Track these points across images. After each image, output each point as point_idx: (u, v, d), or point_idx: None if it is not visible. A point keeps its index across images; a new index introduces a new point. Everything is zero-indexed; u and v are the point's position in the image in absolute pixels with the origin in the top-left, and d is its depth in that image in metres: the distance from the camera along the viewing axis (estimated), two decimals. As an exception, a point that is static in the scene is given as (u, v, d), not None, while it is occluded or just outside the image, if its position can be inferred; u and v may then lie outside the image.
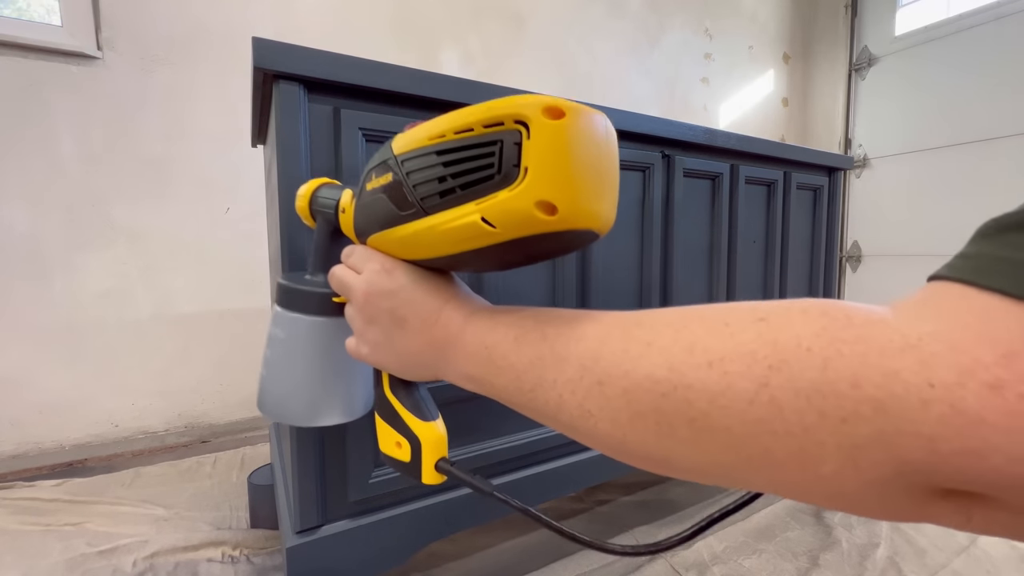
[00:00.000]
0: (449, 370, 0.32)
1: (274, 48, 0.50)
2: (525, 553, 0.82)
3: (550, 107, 0.25)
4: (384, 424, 0.37)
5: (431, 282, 0.33)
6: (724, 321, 0.21)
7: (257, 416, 1.50)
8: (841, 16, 2.71)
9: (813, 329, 0.18)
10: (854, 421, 0.16)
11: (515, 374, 0.27)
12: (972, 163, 2.25)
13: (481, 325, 0.30)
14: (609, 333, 0.24)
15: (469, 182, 0.27)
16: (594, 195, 0.26)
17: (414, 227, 0.30)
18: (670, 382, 0.20)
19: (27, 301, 1.22)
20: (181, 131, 1.36)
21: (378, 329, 0.34)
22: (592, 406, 0.23)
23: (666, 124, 0.80)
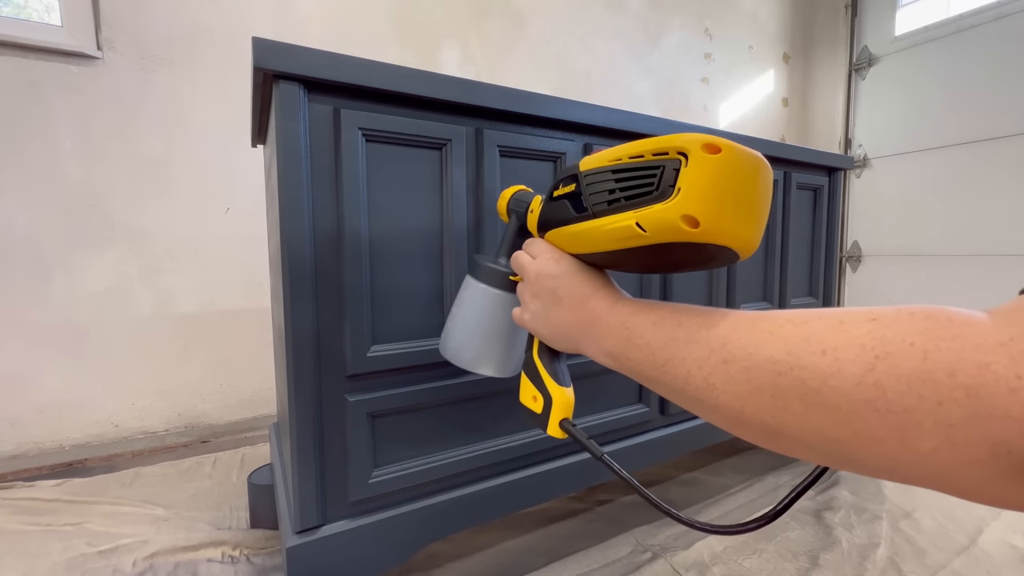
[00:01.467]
0: (591, 345, 0.39)
1: (274, 48, 0.50)
2: (525, 553, 0.82)
3: (709, 144, 0.30)
4: (527, 381, 0.47)
5: (588, 273, 0.41)
6: (839, 319, 0.24)
7: (257, 416, 1.50)
8: (841, 16, 2.71)
9: (917, 328, 0.21)
10: (949, 404, 0.19)
11: (650, 351, 0.33)
12: (972, 163, 2.25)
13: (625, 310, 0.36)
14: (737, 323, 0.28)
15: (632, 195, 0.34)
16: (734, 218, 0.31)
17: (583, 226, 0.39)
18: (787, 363, 0.24)
19: (27, 301, 1.22)
20: (181, 131, 1.36)
21: (539, 303, 0.43)
22: (716, 381, 0.28)
23: (666, 124, 0.80)
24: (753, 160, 0.31)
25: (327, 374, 0.57)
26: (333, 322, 0.57)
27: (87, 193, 1.27)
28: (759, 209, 0.32)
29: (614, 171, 0.36)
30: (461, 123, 0.63)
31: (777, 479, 1.07)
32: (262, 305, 1.47)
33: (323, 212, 0.55)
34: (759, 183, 0.31)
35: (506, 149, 0.66)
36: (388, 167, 0.59)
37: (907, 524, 0.89)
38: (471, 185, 0.64)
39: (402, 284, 0.61)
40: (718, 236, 0.31)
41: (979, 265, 2.23)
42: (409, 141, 0.59)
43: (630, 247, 0.35)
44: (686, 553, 0.81)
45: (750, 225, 0.32)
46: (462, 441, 0.67)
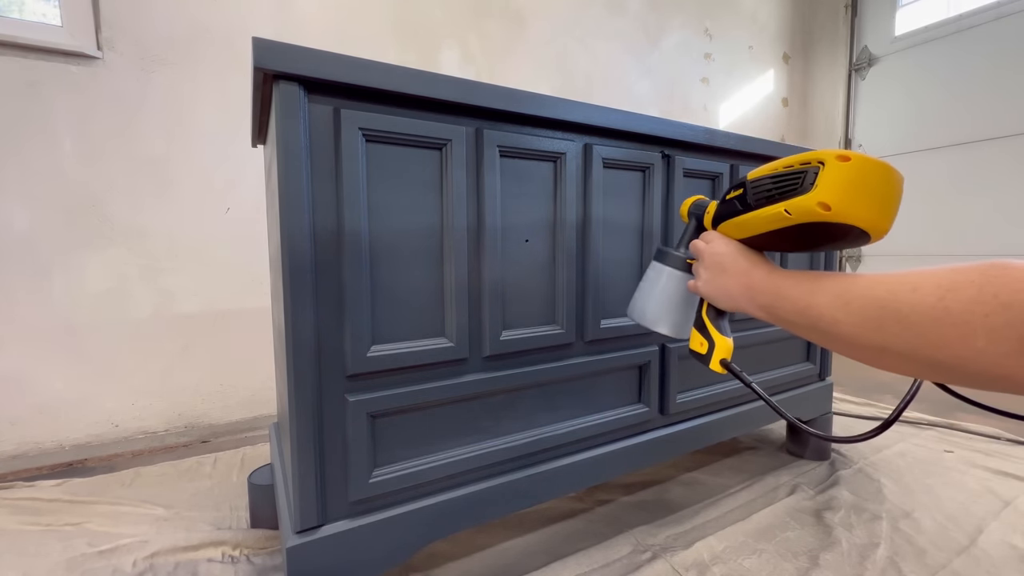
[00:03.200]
0: (748, 303, 0.52)
1: (274, 48, 0.50)
2: (525, 553, 0.82)
3: (841, 155, 0.43)
4: (696, 332, 0.61)
5: (748, 252, 0.55)
6: (933, 271, 0.33)
7: (257, 416, 1.50)
8: (841, 16, 2.71)
9: (980, 270, 0.30)
10: (993, 316, 0.28)
11: (792, 300, 0.45)
12: (972, 163, 2.25)
13: (776, 277, 0.49)
14: (855, 280, 0.39)
15: (783, 191, 0.47)
16: (860, 205, 0.43)
17: (748, 216, 0.53)
18: (887, 299, 0.35)
19: (27, 301, 1.22)
20: (181, 131, 1.36)
21: (710, 273, 0.57)
22: (840, 316, 0.39)
23: (666, 124, 0.80)
24: (876, 164, 0.42)
25: (327, 374, 0.57)
26: (333, 322, 0.57)
27: (87, 193, 1.27)
28: (884, 199, 0.43)
29: (772, 177, 0.49)
30: (461, 123, 0.63)
31: (777, 479, 1.07)
32: (262, 305, 1.47)
33: (323, 212, 0.55)
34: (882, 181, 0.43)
35: (506, 149, 0.66)
36: (388, 167, 0.59)
37: (907, 524, 0.89)
38: (471, 185, 0.64)
39: (402, 284, 0.61)
40: (846, 217, 0.43)
41: (979, 265, 2.23)
42: (409, 141, 0.59)
43: (779, 228, 0.48)
44: (686, 553, 0.81)
45: (875, 211, 0.43)
46: (462, 441, 0.67)
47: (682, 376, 0.89)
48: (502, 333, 0.68)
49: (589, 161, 0.74)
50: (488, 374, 0.67)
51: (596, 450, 0.79)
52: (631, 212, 0.80)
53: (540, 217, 0.71)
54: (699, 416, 0.94)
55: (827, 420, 1.19)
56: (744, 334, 0.97)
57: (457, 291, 0.64)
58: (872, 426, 0.45)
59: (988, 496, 0.99)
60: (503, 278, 0.68)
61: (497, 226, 0.66)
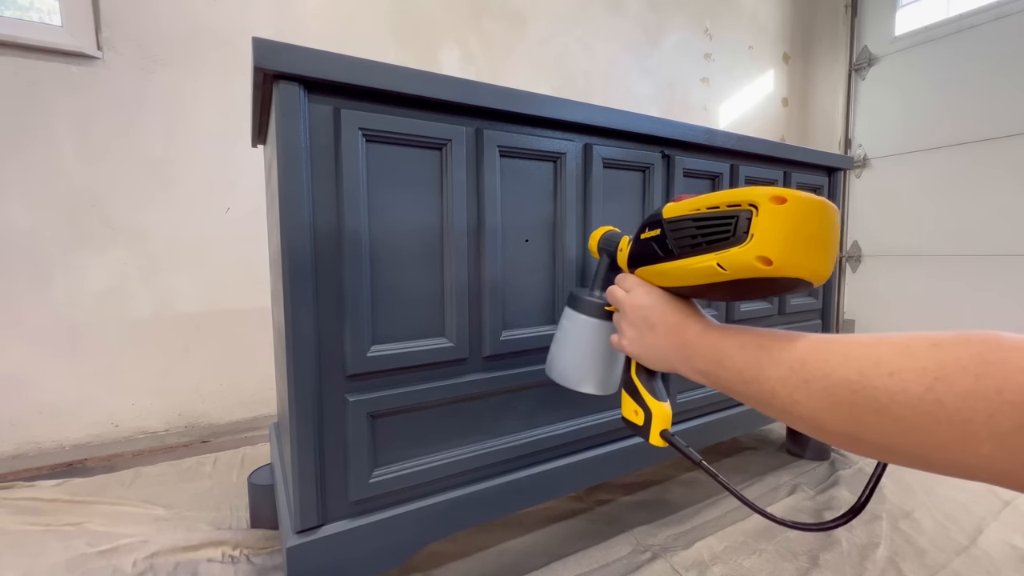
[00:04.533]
0: (684, 366, 0.44)
1: (274, 48, 0.50)
2: (525, 553, 0.82)
3: (776, 196, 0.36)
4: (628, 397, 0.53)
5: (677, 302, 0.47)
6: (906, 344, 0.28)
7: (257, 416, 1.50)
8: (841, 16, 2.71)
9: (970, 352, 0.24)
10: (999, 417, 0.23)
11: (738, 370, 0.38)
12: (972, 163, 2.25)
13: (714, 335, 0.42)
14: (815, 346, 0.33)
15: (712, 240, 0.40)
16: (802, 254, 0.36)
17: (671, 265, 0.45)
18: (860, 383, 0.28)
19: (27, 301, 1.22)
20: (181, 131, 1.36)
21: (635, 330, 0.49)
22: (800, 397, 0.32)
23: (666, 124, 0.80)
24: (816, 204, 0.36)
25: (327, 374, 0.57)
26: (333, 322, 0.57)
27: (87, 193, 1.27)
28: (825, 244, 0.37)
29: (694, 220, 0.42)
30: (461, 123, 0.63)
31: (777, 479, 1.07)
32: (262, 305, 1.47)
33: (323, 212, 0.55)
34: (823, 223, 0.37)
35: (506, 149, 0.66)
36: (388, 167, 0.59)
37: (907, 524, 0.89)
38: (471, 185, 0.64)
39: (402, 284, 0.61)
40: (789, 270, 0.36)
41: (979, 265, 2.23)
42: (409, 141, 0.59)
43: (712, 283, 0.41)
44: (686, 553, 0.81)
45: (818, 259, 0.37)
46: (462, 441, 0.67)
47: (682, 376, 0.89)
48: (502, 333, 0.68)
49: (589, 161, 0.74)
50: (488, 374, 0.67)
51: (596, 450, 0.79)
52: (631, 212, 0.80)
53: (540, 217, 0.71)
54: (699, 416, 0.94)
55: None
56: (744, 334, 0.97)
57: (457, 291, 0.64)
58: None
59: (988, 496, 0.99)
60: (503, 278, 0.68)
61: (497, 226, 0.66)
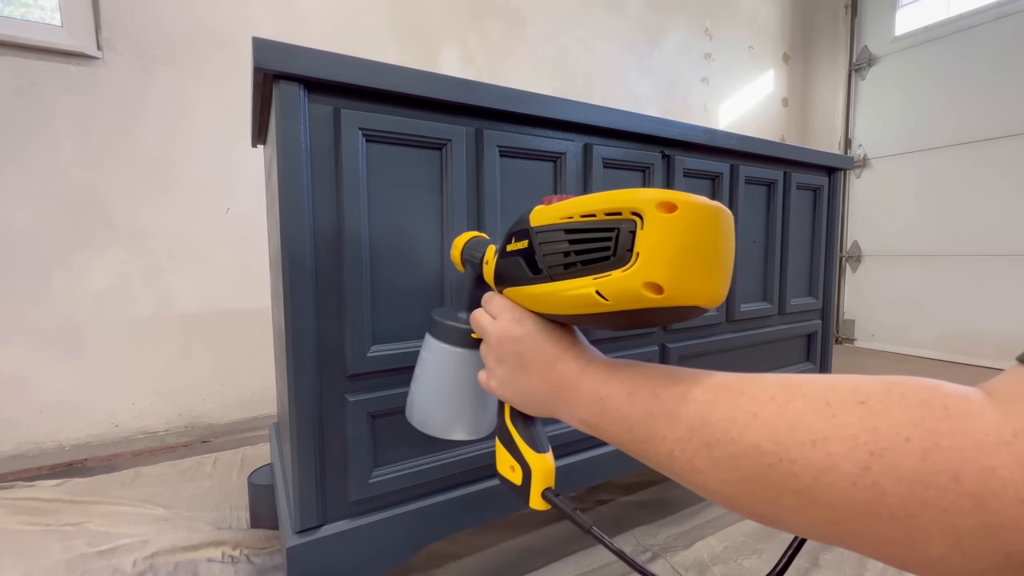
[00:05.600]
0: (564, 412, 0.36)
1: (274, 48, 0.50)
2: (525, 553, 0.82)
3: (664, 202, 0.28)
4: (503, 449, 0.43)
5: (554, 333, 0.38)
6: (826, 400, 0.22)
7: (257, 416, 1.50)
8: (841, 16, 2.72)
9: (911, 418, 0.19)
10: (956, 512, 0.17)
11: (627, 425, 0.30)
12: (972, 163, 2.25)
13: (596, 376, 0.34)
14: (716, 397, 0.26)
15: (589, 260, 0.32)
16: (700, 277, 0.29)
17: (542, 289, 0.35)
18: (775, 454, 0.22)
19: (27, 301, 1.22)
20: (181, 131, 1.36)
21: (505, 368, 0.39)
22: (702, 464, 0.26)
23: (666, 124, 0.80)
24: (712, 212, 0.28)
25: (327, 374, 0.57)
26: (333, 322, 0.57)
27: (87, 193, 1.27)
28: (723, 262, 0.30)
29: (566, 231, 0.33)
30: (461, 123, 0.63)
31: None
32: (262, 305, 1.47)
33: (323, 212, 0.55)
34: (720, 235, 0.29)
35: (506, 149, 0.66)
36: (388, 167, 0.59)
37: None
38: (471, 185, 0.64)
39: (402, 284, 0.61)
40: (683, 299, 0.29)
41: (979, 265, 2.23)
42: (409, 141, 0.59)
43: (592, 313, 0.33)
44: (686, 553, 0.81)
45: (715, 281, 0.30)
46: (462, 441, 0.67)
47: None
48: (502, 333, 0.68)
49: (589, 161, 0.74)
50: (488, 374, 0.67)
51: (596, 450, 0.79)
52: (631, 212, 0.80)
53: (540, 217, 0.71)
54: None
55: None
56: (740, 335, 0.97)
57: (457, 291, 0.64)
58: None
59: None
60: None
61: (497, 226, 0.66)
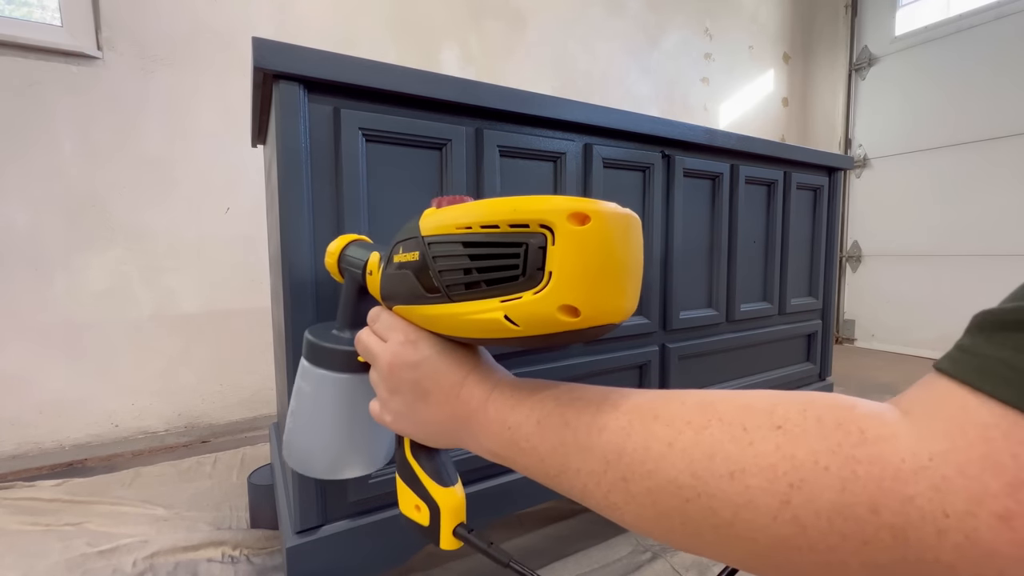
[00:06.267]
0: (471, 443, 0.32)
1: (274, 48, 0.50)
2: (525, 553, 0.82)
3: (575, 213, 0.25)
4: (404, 487, 0.37)
5: (454, 354, 0.33)
6: (742, 425, 0.21)
7: (257, 416, 1.50)
8: (841, 16, 2.71)
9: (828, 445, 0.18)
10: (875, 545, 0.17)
11: (538, 457, 0.28)
12: (972, 163, 2.25)
13: (503, 403, 0.30)
14: (631, 425, 0.25)
15: (494, 279, 0.28)
16: (616, 294, 0.27)
17: (439, 310, 0.31)
18: (693, 489, 0.21)
19: (27, 301, 1.22)
20: (181, 131, 1.36)
21: (401, 399, 0.34)
22: (618, 499, 0.24)
23: (666, 124, 0.80)
24: (623, 220, 0.26)
25: (327, 374, 0.57)
26: (333, 322, 0.57)
27: (87, 193, 1.27)
28: (635, 273, 0.28)
29: (465, 243, 0.28)
30: (461, 123, 0.63)
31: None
32: (262, 305, 1.47)
33: (323, 212, 0.55)
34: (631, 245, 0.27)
35: (506, 149, 0.66)
36: (388, 167, 0.59)
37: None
38: (471, 185, 0.64)
39: (402, 284, 0.61)
40: (600, 318, 0.26)
41: (979, 265, 2.23)
42: (409, 141, 0.59)
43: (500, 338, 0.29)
44: (686, 553, 0.81)
45: (628, 295, 0.27)
46: (462, 441, 0.67)
47: (682, 376, 0.89)
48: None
49: (589, 161, 0.74)
50: (488, 374, 0.67)
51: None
52: (631, 212, 0.80)
53: (540, 217, 0.71)
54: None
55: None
56: (740, 335, 0.97)
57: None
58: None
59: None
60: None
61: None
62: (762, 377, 1.02)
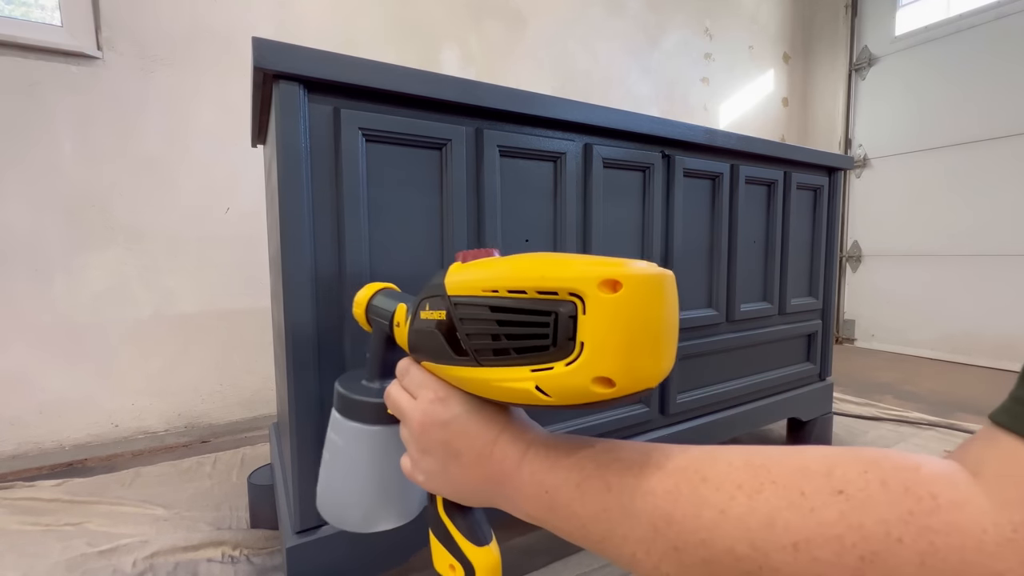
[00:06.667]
0: (507, 505, 0.31)
1: (274, 48, 0.50)
2: (525, 553, 0.82)
3: (606, 280, 0.24)
4: (438, 545, 0.36)
5: (485, 412, 0.32)
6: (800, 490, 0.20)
7: (257, 416, 1.50)
8: (841, 16, 2.71)
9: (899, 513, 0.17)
10: None
11: (580, 523, 0.26)
12: (972, 163, 2.25)
13: (539, 464, 0.29)
14: (677, 489, 0.23)
15: (523, 347, 0.27)
16: (653, 360, 0.25)
17: (468, 373, 0.30)
18: (754, 561, 0.19)
19: (27, 301, 1.22)
20: (181, 131, 1.36)
21: (432, 459, 0.33)
22: (671, 570, 0.22)
23: (666, 124, 0.80)
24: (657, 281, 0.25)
25: (327, 374, 0.57)
26: (333, 322, 0.57)
27: (87, 193, 1.27)
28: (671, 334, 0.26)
29: (492, 308, 0.28)
30: (461, 123, 0.63)
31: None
32: (262, 305, 1.47)
33: (323, 212, 0.55)
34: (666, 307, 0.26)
35: (506, 149, 0.66)
36: (388, 167, 0.59)
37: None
38: (471, 185, 0.64)
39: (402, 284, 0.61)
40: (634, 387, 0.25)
41: (979, 265, 2.23)
42: (409, 141, 0.59)
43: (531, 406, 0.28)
44: None
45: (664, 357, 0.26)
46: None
47: (682, 376, 0.89)
48: (502, 333, 0.68)
49: (589, 161, 0.74)
50: (488, 374, 0.67)
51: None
52: (631, 212, 0.80)
53: (540, 217, 0.71)
54: (699, 416, 0.94)
55: (827, 420, 1.19)
56: (740, 335, 0.97)
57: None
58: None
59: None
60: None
61: (497, 226, 0.66)
62: (762, 377, 1.02)
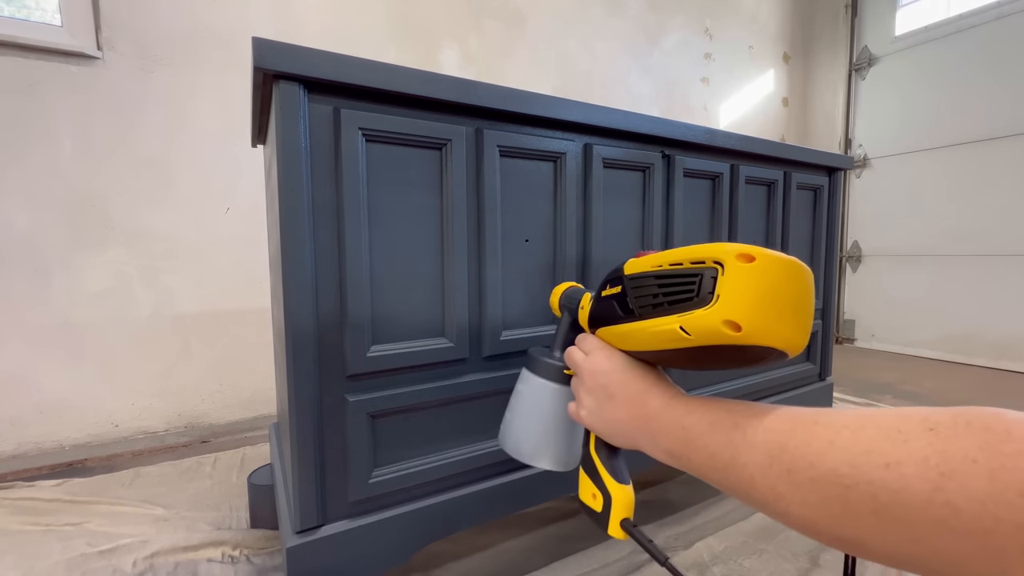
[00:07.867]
0: (648, 443, 0.39)
1: (274, 48, 0.50)
2: (525, 553, 0.82)
3: (743, 254, 0.32)
4: (586, 477, 0.46)
5: (640, 369, 0.42)
6: (897, 428, 0.24)
7: (257, 416, 1.50)
8: (841, 16, 2.71)
9: (977, 442, 0.20)
10: None
11: (709, 453, 0.33)
12: (972, 163, 2.25)
13: (680, 409, 0.37)
14: (793, 428, 0.28)
15: (674, 300, 0.36)
16: (775, 321, 0.32)
17: (631, 327, 0.40)
18: (852, 477, 0.24)
19: (27, 301, 1.22)
20: (181, 131, 1.36)
21: (593, 399, 0.43)
22: (784, 489, 0.27)
23: (666, 124, 0.79)
24: (789, 265, 0.32)
25: (327, 374, 0.57)
26: (333, 322, 0.57)
27: (87, 193, 1.27)
28: (800, 310, 0.33)
29: (656, 276, 0.38)
30: (461, 123, 0.63)
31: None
32: (262, 305, 1.47)
33: (323, 212, 0.55)
34: (797, 286, 0.32)
35: (506, 149, 0.66)
36: (388, 167, 0.59)
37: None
38: (471, 185, 0.64)
39: (402, 283, 0.61)
40: (760, 338, 0.32)
41: (979, 265, 2.23)
42: (409, 141, 0.59)
43: (675, 348, 0.36)
44: (686, 553, 0.81)
45: (792, 326, 0.32)
46: (462, 441, 0.67)
47: (682, 376, 0.89)
48: (502, 333, 0.68)
49: (589, 161, 0.74)
50: (488, 374, 0.67)
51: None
52: (631, 212, 0.80)
53: (540, 217, 0.71)
54: (700, 417, 0.93)
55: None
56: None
57: (457, 291, 0.64)
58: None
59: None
60: (503, 278, 0.68)
61: (497, 226, 0.66)
62: (762, 377, 1.02)
